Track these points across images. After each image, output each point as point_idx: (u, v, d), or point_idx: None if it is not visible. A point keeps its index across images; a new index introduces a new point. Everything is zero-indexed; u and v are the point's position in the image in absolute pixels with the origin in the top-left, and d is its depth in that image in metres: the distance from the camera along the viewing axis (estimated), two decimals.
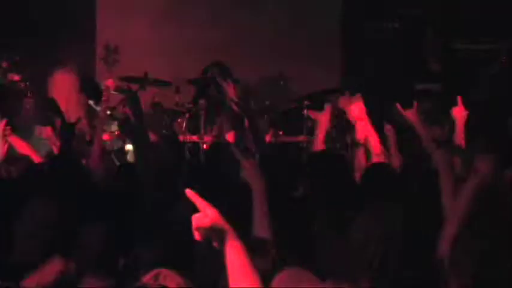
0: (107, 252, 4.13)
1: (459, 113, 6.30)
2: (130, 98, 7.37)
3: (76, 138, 6.99)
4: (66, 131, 6.23)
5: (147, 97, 9.11)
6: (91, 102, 8.24)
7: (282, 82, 9.53)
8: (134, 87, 8.85)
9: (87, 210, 4.72)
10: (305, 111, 8.98)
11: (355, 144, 6.32)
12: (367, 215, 4.03)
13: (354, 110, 6.42)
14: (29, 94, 8.78)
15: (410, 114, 5.78)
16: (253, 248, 3.79)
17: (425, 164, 5.41)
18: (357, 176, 5.99)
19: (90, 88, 8.25)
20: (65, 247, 4.20)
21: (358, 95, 6.51)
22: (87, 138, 7.72)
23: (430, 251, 4.06)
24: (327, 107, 6.65)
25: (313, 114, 7.33)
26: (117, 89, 8.22)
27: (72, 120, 7.55)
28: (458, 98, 6.34)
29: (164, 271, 3.40)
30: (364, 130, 6.37)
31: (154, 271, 3.41)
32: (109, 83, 7.72)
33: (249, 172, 4.44)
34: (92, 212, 4.72)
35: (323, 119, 6.65)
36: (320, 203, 5.05)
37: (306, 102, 9.07)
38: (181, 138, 8.47)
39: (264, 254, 3.80)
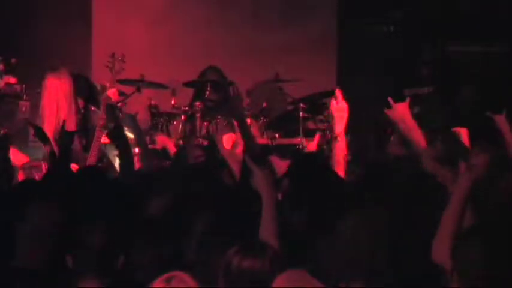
0: (105, 251, 4.13)
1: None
2: (108, 109, 7.41)
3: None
4: (65, 138, 6.26)
5: (143, 100, 9.12)
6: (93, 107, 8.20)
7: (278, 84, 9.53)
8: (131, 89, 8.89)
9: (87, 211, 4.75)
10: (301, 113, 9.00)
11: (333, 138, 6.27)
12: (354, 215, 4.05)
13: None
14: (25, 97, 8.76)
15: (401, 108, 5.63)
16: (252, 249, 3.82)
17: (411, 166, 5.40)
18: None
19: (87, 93, 8.21)
20: (67, 250, 4.23)
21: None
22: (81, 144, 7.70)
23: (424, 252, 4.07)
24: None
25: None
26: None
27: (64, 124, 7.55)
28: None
29: (178, 274, 3.38)
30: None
31: (167, 274, 3.39)
32: (111, 93, 7.69)
33: (260, 181, 4.42)
34: (91, 211, 4.74)
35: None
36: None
37: (302, 105, 9.09)
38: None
39: (262, 254, 3.81)
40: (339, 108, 6.29)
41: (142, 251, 4.23)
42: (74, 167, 6.63)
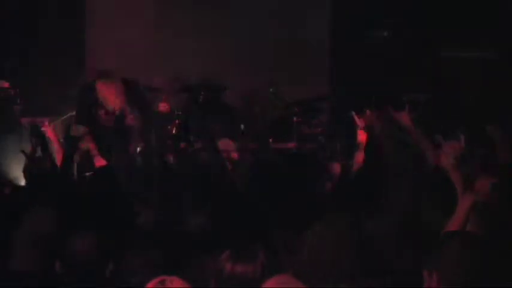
0: (95, 257, 4.16)
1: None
2: None
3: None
4: (70, 144, 6.28)
5: None
6: None
7: (271, 89, 9.54)
8: None
9: (79, 217, 4.78)
10: (295, 117, 9.02)
11: (356, 147, 6.32)
12: (324, 222, 4.12)
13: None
14: (18, 101, 8.77)
15: (403, 117, 5.74)
16: (243, 254, 3.84)
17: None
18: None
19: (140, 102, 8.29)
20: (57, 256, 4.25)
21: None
22: None
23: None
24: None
25: None
26: None
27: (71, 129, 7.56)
28: None
29: (169, 277, 3.46)
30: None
31: (159, 278, 3.46)
32: (163, 107, 7.80)
33: None
34: (83, 218, 4.76)
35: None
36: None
37: (295, 110, 9.10)
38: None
39: (254, 260, 3.83)
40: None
41: (133, 257, 4.25)
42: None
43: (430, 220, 4.72)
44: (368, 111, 6.20)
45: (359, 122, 6.30)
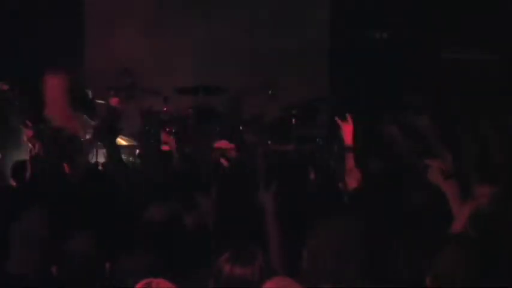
0: (93, 258, 4.16)
1: None
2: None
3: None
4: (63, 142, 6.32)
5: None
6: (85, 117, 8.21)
7: (270, 91, 9.55)
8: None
9: (76, 218, 4.78)
10: (293, 119, 9.02)
11: (344, 149, 6.30)
12: (323, 223, 4.13)
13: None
14: (17, 103, 8.77)
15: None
16: (242, 257, 3.84)
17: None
18: (347, 179, 6.00)
19: (83, 104, 8.24)
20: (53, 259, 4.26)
21: None
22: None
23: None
24: None
25: None
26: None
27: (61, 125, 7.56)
28: None
29: (156, 280, 3.46)
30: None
31: (146, 280, 3.47)
32: (114, 102, 7.74)
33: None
34: (80, 218, 4.76)
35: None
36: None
37: (293, 111, 9.10)
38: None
39: (252, 262, 3.83)
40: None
41: (130, 257, 4.25)
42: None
43: (430, 221, 4.73)
44: (349, 117, 6.17)
45: (342, 126, 6.27)
